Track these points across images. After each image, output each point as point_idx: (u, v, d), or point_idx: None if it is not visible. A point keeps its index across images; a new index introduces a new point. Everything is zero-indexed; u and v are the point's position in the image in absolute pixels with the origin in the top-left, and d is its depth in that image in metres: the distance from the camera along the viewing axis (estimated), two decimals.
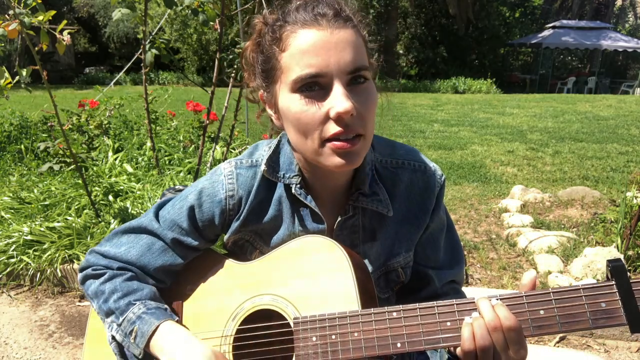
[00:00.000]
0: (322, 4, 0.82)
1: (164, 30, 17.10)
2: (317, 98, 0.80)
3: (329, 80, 0.79)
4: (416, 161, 0.99)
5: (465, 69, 20.13)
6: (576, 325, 0.72)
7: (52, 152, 3.28)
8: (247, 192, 0.96)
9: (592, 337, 2.30)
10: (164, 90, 7.16)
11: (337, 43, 0.79)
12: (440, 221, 1.02)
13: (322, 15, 0.80)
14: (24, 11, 2.33)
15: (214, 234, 1.01)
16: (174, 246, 0.98)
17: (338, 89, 0.79)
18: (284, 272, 0.92)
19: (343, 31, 0.80)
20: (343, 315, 0.82)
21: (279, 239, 0.98)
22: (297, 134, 0.84)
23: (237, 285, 0.96)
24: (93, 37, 27.30)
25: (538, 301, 0.74)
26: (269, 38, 0.85)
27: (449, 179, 4.98)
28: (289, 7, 0.84)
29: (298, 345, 0.84)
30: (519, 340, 0.74)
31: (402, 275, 1.00)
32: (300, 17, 0.81)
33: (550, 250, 3.08)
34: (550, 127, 8.42)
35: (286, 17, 0.83)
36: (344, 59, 0.79)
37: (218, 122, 3.41)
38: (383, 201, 0.94)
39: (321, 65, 0.78)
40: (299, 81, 0.80)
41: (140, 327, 0.90)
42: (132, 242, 0.99)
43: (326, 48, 0.79)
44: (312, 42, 0.79)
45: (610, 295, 0.71)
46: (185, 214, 0.97)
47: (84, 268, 1.00)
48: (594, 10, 27.38)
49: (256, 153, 0.99)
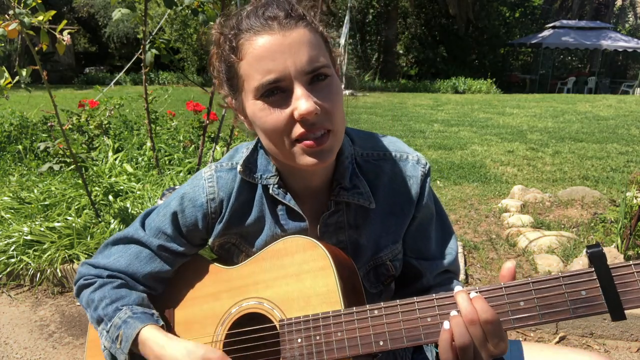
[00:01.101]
0: (272, 7, 0.81)
1: (164, 30, 17.09)
2: (280, 102, 0.80)
3: (288, 83, 0.79)
4: (398, 151, 0.98)
5: (465, 69, 20.13)
6: (557, 315, 0.71)
7: (52, 152, 3.29)
8: (228, 194, 0.96)
9: (592, 337, 2.30)
10: (164, 90, 7.16)
11: (291, 45, 0.78)
12: (429, 211, 1.00)
13: (273, 19, 0.79)
14: (24, 11, 2.33)
15: (199, 238, 1.01)
16: (160, 253, 0.99)
17: (299, 91, 0.78)
18: (268, 274, 0.92)
19: (296, 32, 0.79)
20: (326, 315, 0.82)
21: (263, 241, 0.97)
22: (267, 139, 0.85)
23: (224, 289, 0.96)
24: (93, 37, 27.29)
25: (518, 292, 0.73)
26: (227, 48, 0.84)
27: (448, 179, 4.98)
28: (242, 14, 0.83)
29: (284, 348, 0.84)
30: (497, 333, 0.73)
31: (392, 269, 1.00)
32: (252, 23, 0.80)
33: (550, 250, 3.08)
34: (550, 127, 8.42)
35: (239, 25, 0.82)
36: (300, 60, 0.78)
37: (218, 122, 3.40)
38: (364, 194, 0.94)
39: (279, 70, 0.78)
40: (260, 88, 0.79)
41: (125, 331, 0.90)
42: (121, 251, 1.00)
43: (281, 51, 0.78)
44: (266, 48, 0.78)
45: (590, 282, 0.69)
46: (168, 220, 0.98)
47: (77, 280, 1.02)
48: (594, 10, 27.37)
49: (236, 156, 0.99)
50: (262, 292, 0.91)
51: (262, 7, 0.81)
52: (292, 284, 0.89)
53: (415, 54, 21.06)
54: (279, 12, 0.79)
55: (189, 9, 2.75)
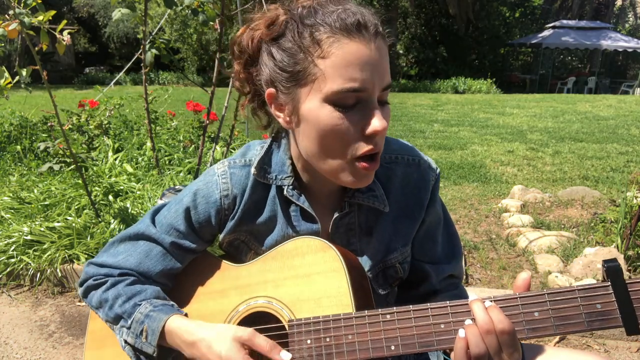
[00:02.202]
0: (364, 15, 0.78)
1: (164, 30, 17.09)
2: (352, 114, 0.78)
3: (367, 96, 0.78)
4: (410, 155, 0.98)
5: (465, 69, 20.13)
6: (571, 327, 0.71)
7: (52, 152, 3.28)
8: (242, 191, 0.96)
9: (592, 337, 2.30)
10: (164, 90, 7.16)
11: (378, 59, 0.78)
12: (437, 215, 1.01)
13: (366, 28, 0.77)
14: (24, 11, 2.33)
15: (210, 234, 1.01)
16: (172, 250, 0.98)
17: (376, 106, 0.79)
18: (278, 273, 0.91)
19: (382, 46, 0.79)
20: (337, 317, 0.82)
21: (273, 240, 0.97)
22: (319, 145, 0.82)
23: (232, 287, 0.96)
24: (93, 37, 27.29)
25: (532, 303, 0.73)
26: (298, 37, 0.78)
27: (449, 179, 4.98)
28: (325, 9, 0.79)
29: (293, 349, 0.84)
30: (512, 343, 0.73)
31: (400, 271, 1.00)
32: (343, 24, 0.76)
33: (550, 250, 3.08)
34: (550, 127, 8.42)
35: (326, 20, 0.77)
36: (381, 75, 0.78)
37: (218, 122, 3.41)
38: (379, 197, 0.94)
39: (364, 80, 0.76)
40: (338, 93, 0.77)
41: (150, 324, 0.89)
42: (129, 250, 0.99)
43: (370, 63, 0.77)
44: (357, 56, 0.76)
45: (606, 296, 0.70)
46: (181, 216, 0.97)
47: (84, 281, 1.00)
48: (594, 10, 27.36)
49: (249, 153, 0.98)
50: (271, 291, 0.91)
51: (353, 13, 0.77)
52: (302, 285, 0.88)
53: (415, 54, 21.04)
54: (371, 23, 0.78)
55: (189, 9, 2.75)
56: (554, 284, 2.65)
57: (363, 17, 0.77)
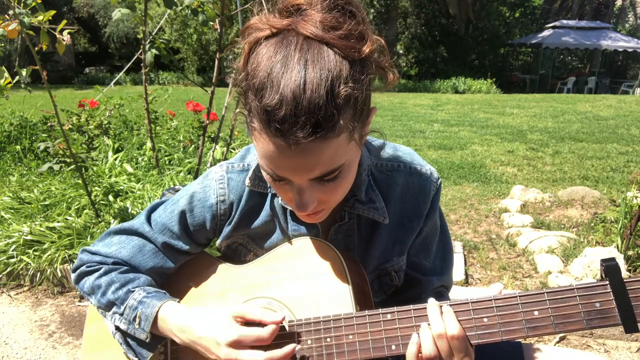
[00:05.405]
0: (292, 117, 0.64)
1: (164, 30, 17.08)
2: (283, 184, 0.77)
3: (291, 181, 0.75)
4: (412, 163, 0.97)
5: (465, 69, 20.12)
6: (571, 325, 0.72)
7: (52, 152, 3.28)
8: (239, 196, 0.95)
9: (592, 337, 2.30)
10: (164, 90, 7.16)
11: (302, 160, 0.69)
12: (434, 226, 1.01)
13: (292, 128, 0.64)
14: (24, 11, 2.33)
15: (205, 238, 1.00)
16: (164, 250, 0.98)
17: (302, 189, 0.75)
18: (279, 274, 0.91)
19: (316, 150, 0.67)
20: (338, 317, 0.82)
21: (273, 243, 0.97)
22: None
23: (232, 288, 0.96)
24: (93, 37, 27.29)
25: (532, 302, 0.74)
26: (243, 105, 0.73)
27: (448, 179, 4.98)
28: (271, 84, 0.64)
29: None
30: (462, 348, 0.75)
31: (396, 279, 1.00)
32: (267, 120, 0.65)
33: (550, 250, 3.07)
34: (550, 127, 8.42)
35: (260, 105, 0.66)
36: (307, 170, 0.71)
37: (218, 122, 3.40)
38: (379, 209, 0.93)
39: (283, 175, 0.73)
40: (263, 167, 0.76)
41: (143, 311, 0.90)
42: (123, 242, 0.99)
43: (289, 166, 0.70)
44: (276, 155, 0.69)
45: (605, 295, 0.71)
46: (176, 218, 0.97)
47: (77, 267, 1.00)
48: (594, 10, 27.36)
49: (248, 156, 0.98)
50: (271, 291, 0.91)
51: (279, 107, 0.64)
52: (302, 285, 0.88)
53: (415, 54, 21.03)
54: (300, 132, 0.64)
55: (189, 9, 2.75)
56: (554, 284, 2.65)
57: (290, 119, 0.63)
